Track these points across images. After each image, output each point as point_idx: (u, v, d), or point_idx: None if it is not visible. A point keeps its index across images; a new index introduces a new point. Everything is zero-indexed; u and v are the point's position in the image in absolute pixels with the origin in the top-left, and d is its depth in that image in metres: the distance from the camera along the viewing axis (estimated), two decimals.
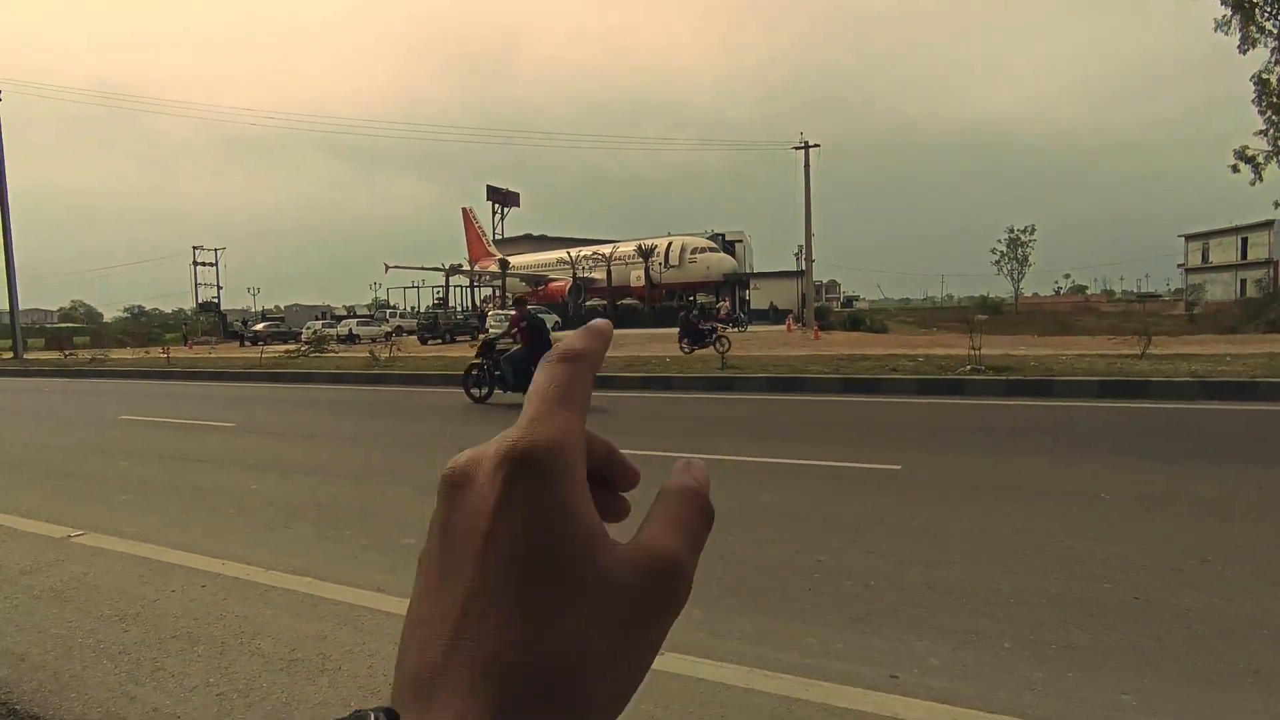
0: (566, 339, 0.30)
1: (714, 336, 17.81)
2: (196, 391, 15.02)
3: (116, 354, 29.34)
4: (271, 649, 3.02)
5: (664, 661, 2.82)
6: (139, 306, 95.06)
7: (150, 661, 2.95)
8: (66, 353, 29.63)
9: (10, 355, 28.85)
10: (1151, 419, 7.90)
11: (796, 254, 57.65)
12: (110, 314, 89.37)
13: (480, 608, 0.25)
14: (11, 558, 4.29)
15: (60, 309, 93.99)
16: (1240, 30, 24.13)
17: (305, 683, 2.75)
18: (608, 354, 0.32)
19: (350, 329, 38.05)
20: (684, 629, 3.15)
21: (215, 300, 60.37)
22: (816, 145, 35.05)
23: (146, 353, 31.23)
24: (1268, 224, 47.16)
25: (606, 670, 0.25)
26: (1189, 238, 61.21)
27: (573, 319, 44.19)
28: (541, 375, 0.29)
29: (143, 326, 64.79)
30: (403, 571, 3.82)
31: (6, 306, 29.26)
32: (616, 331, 0.33)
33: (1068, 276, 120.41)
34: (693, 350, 17.84)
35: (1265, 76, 24.41)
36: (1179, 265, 63.80)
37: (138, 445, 8.35)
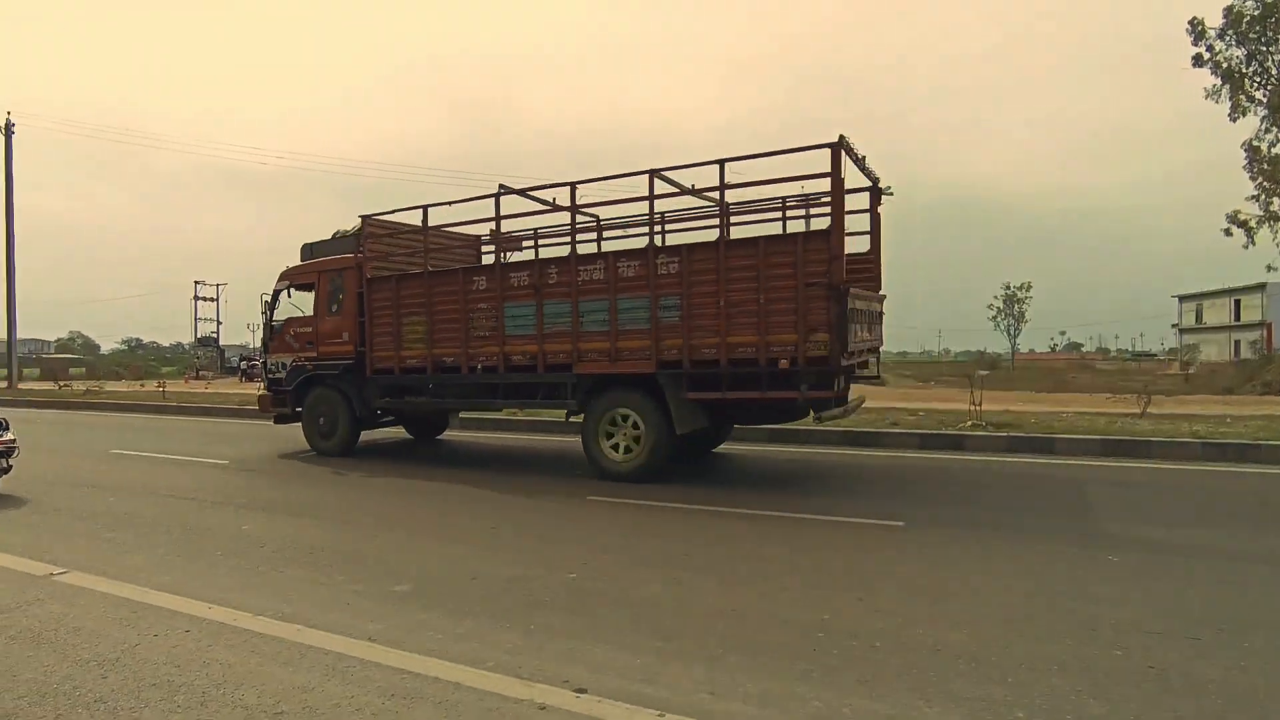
0: None
1: None
2: (192, 427, 14.87)
3: (111, 386, 29.18)
4: (256, 700, 2.89)
5: None
6: (137, 339, 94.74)
7: (128, 711, 2.82)
8: (61, 383, 29.49)
9: (4, 385, 28.70)
10: (1156, 479, 7.83)
11: None
12: (108, 345, 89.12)
13: None
14: None
15: (58, 339, 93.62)
16: (1230, 99, 24.94)
17: None
18: None
19: None
20: (685, 688, 3.03)
21: (214, 335, 60.28)
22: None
23: (142, 385, 31.05)
24: (1260, 286, 47.66)
25: None
26: (1183, 298, 61.91)
27: None
28: None
29: (139, 359, 64.57)
30: (394, 620, 3.69)
31: (5, 335, 29.19)
32: None
33: (1063, 333, 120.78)
34: None
35: (1255, 144, 25.11)
36: (1173, 325, 64.38)
37: (128, 480, 8.21)
